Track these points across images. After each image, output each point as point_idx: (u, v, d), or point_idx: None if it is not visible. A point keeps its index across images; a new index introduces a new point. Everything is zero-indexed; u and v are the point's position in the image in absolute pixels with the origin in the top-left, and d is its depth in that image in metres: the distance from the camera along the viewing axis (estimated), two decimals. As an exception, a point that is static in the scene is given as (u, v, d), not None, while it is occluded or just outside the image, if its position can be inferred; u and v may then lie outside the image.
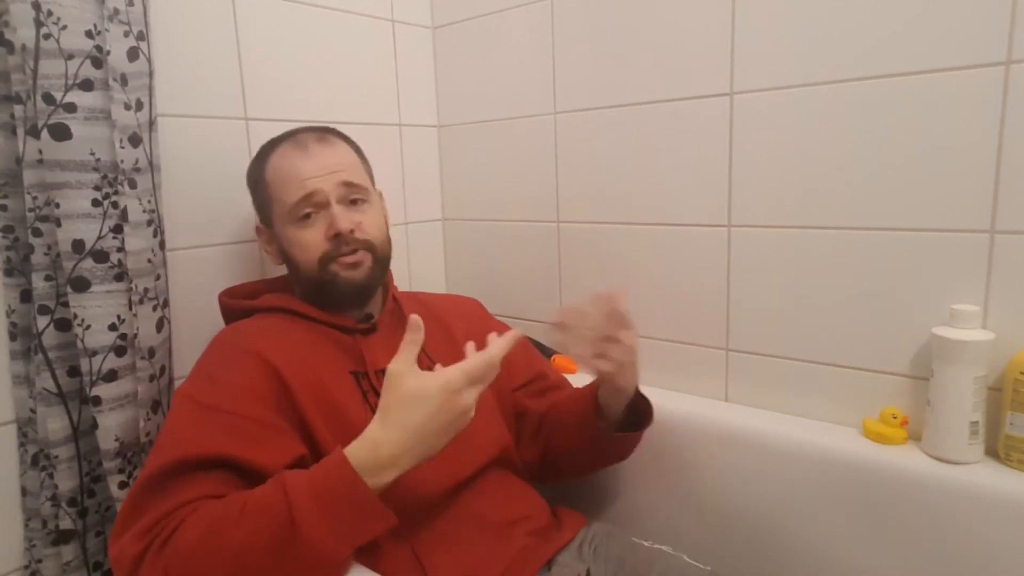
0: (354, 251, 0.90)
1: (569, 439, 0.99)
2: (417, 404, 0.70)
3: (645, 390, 1.19)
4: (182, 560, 0.64)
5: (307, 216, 0.90)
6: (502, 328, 1.13)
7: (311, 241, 0.89)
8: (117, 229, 0.88)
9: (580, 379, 1.27)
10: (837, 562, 0.95)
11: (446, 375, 0.72)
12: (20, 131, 0.83)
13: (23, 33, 0.80)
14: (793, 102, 0.99)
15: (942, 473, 0.88)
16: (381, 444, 0.70)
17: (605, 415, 0.95)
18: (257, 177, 0.96)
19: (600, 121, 1.21)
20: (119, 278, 0.89)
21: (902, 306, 0.94)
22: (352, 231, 0.89)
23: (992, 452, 0.90)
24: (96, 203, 0.86)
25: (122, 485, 0.91)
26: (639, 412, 0.97)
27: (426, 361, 0.96)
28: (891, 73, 0.91)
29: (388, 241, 0.97)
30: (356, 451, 0.70)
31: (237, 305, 0.94)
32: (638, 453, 1.13)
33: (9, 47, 0.82)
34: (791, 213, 1.02)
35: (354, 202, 0.92)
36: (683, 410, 1.11)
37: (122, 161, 0.87)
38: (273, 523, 0.65)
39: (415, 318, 0.74)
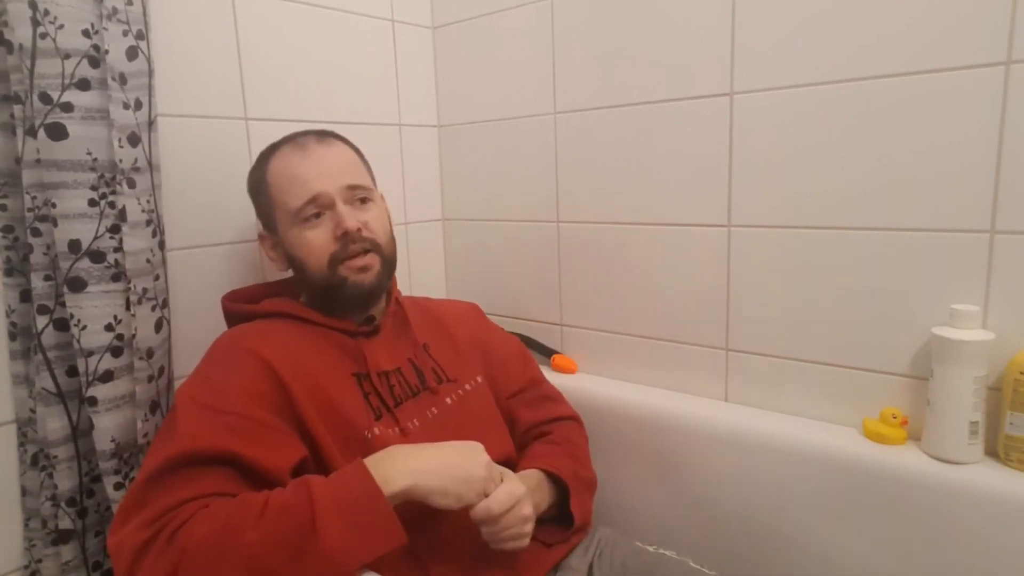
0: (363, 252, 0.90)
1: None
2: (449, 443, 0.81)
3: (646, 390, 1.20)
4: (193, 555, 0.64)
5: (313, 217, 0.89)
6: (500, 332, 1.14)
7: (319, 242, 0.89)
8: (114, 229, 0.88)
9: (580, 379, 1.28)
10: (837, 562, 0.95)
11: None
12: (19, 131, 0.83)
13: (20, 32, 0.80)
14: (793, 102, 0.99)
15: (942, 473, 0.88)
16: (400, 446, 0.77)
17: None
18: (258, 183, 0.95)
19: (600, 121, 1.20)
20: (116, 278, 0.88)
21: (902, 306, 0.94)
22: (359, 229, 0.89)
23: (992, 452, 0.89)
24: (93, 203, 0.86)
25: (118, 486, 0.91)
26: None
27: (429, 362, 0.96)
28: (891, 73, 0.91)
29: (393, 242, 0.97)
30: (373, 457, 0.75)
31: (239, 310, 0.94)
32: (638, 453, 1.14)
33: (8, 47, 0.82)
34: (791, 213, 1.02)
35: (359, 201, 0.92)
36: (683, 410, 1.11)
37: (121, 161, 0.87)
38: (294, 526, 0.65)
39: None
